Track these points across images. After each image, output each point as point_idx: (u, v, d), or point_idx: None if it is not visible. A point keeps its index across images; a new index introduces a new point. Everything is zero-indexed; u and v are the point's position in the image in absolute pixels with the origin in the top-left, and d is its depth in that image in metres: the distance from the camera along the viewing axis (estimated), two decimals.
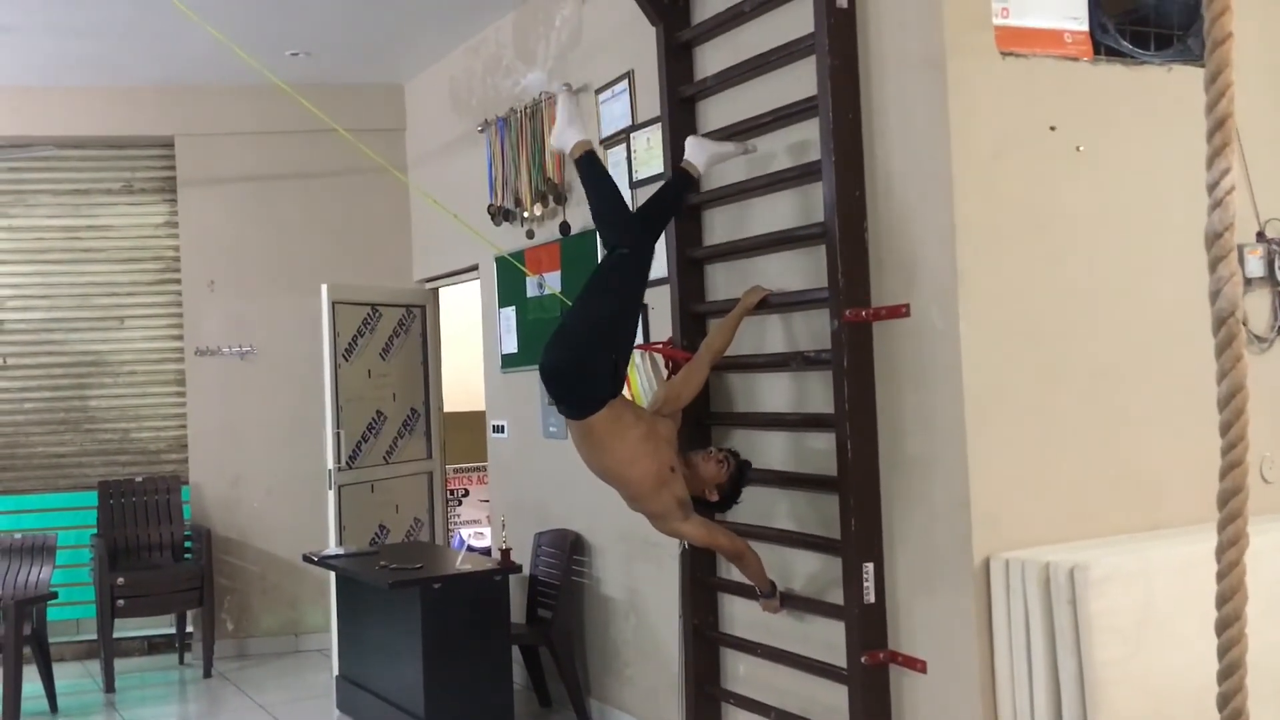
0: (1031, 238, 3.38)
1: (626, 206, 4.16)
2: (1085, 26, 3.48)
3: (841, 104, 3.56)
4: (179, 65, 6.67)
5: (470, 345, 6.88)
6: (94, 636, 6.67)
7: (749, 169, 4.12)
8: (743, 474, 3.82)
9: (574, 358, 3.69)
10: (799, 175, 3.84)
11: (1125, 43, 3.51)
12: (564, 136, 4.20)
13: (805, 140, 3.79)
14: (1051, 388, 3.38)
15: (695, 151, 4.07)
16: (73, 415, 7.22)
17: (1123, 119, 3.52)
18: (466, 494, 8.55)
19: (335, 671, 5.82)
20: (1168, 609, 3.10)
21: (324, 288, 6.21)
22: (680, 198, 4.15)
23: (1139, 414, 3.50)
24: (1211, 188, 1.30)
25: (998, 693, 3.22)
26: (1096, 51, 3.49)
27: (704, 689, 4.34)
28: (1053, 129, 3.40)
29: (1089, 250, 3.46)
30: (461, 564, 5.14)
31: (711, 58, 4.33)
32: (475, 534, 8.00)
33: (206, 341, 7.19)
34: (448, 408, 7.22)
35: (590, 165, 4.07)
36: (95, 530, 6.84)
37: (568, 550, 5.44)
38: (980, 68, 3.33)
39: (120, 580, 6.43)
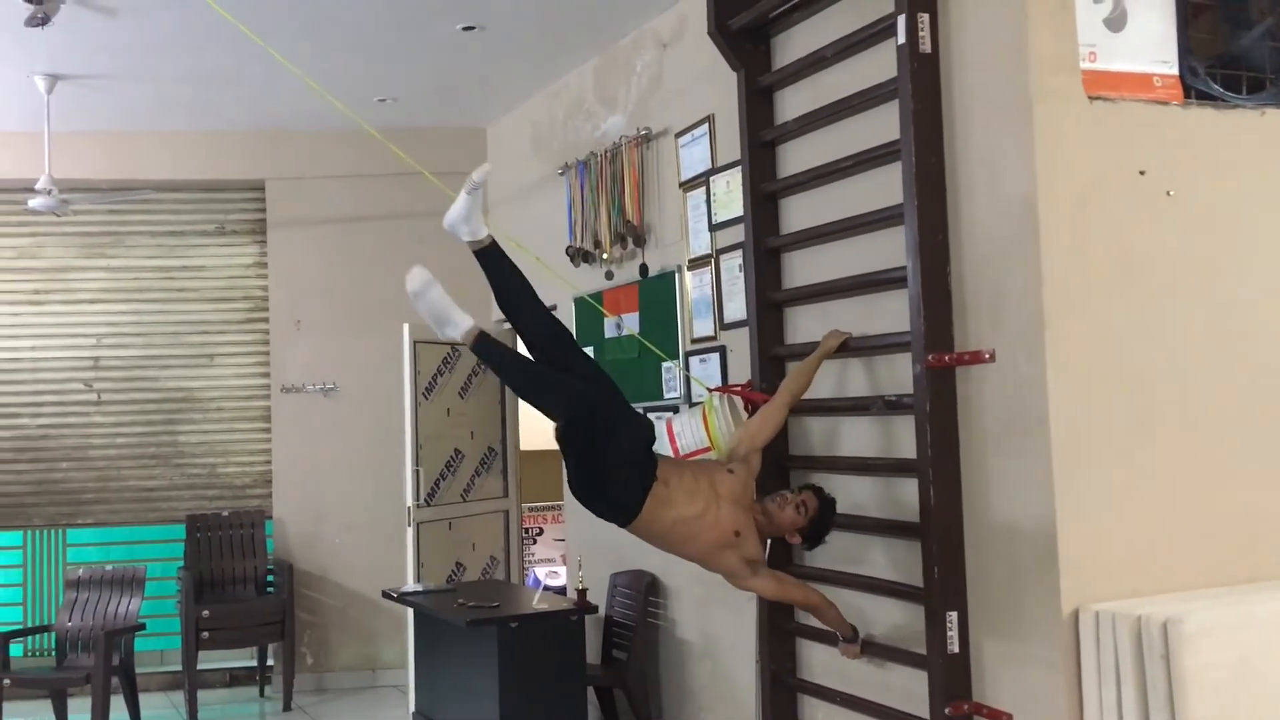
0: (1120, 283, 3.32)
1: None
2: (1175, 70, 3.43)
3: (925, 148, 3.55)
4: (271, 111, 6.89)
5: None
6: (178, 668, 6.79)
7: (830, 212, 4.12)
8: (826, 513, 3.74)
9: (576, 491, 3.84)
10: (881, 219, 3.83)
11: (1216, 86, 3.45)
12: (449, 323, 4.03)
13: (887, 184, 3.78)
14: (1142, 436, 3.31)
15: (462, 227, 4.01)
16: (163, 450, 7.41)
17: (1214, 163, 3.46)
18: (541, 533, 8.58)
19: (412, 708, 5.86)
20: (1266, 665, 3.00)
21: (405, 327, 6.32)
22: (509, 266, 4.10)
23: (1233, 463, 3.41)
24: None
25: None
26: (1187, 95, 3.44)
27: None
28: (1142, 173, 3.36)
29: (1180, 296, 3.39)
30: (538, 603, 5.16)
31: (792, 102, 4.35)
32: (549, 573, 8.02)
33: (292, 379, 7.35)
34: (524, 446, 7.27)
35: (491, 343, 3.98)
36: (182, 563, 7.00)
37: (643, 591, 5.43)
38: (1067, 112, 3.30)
39: (205, 613, 6.56)
